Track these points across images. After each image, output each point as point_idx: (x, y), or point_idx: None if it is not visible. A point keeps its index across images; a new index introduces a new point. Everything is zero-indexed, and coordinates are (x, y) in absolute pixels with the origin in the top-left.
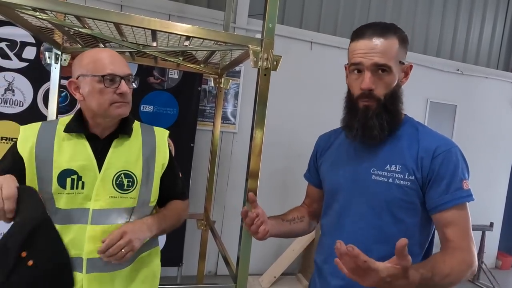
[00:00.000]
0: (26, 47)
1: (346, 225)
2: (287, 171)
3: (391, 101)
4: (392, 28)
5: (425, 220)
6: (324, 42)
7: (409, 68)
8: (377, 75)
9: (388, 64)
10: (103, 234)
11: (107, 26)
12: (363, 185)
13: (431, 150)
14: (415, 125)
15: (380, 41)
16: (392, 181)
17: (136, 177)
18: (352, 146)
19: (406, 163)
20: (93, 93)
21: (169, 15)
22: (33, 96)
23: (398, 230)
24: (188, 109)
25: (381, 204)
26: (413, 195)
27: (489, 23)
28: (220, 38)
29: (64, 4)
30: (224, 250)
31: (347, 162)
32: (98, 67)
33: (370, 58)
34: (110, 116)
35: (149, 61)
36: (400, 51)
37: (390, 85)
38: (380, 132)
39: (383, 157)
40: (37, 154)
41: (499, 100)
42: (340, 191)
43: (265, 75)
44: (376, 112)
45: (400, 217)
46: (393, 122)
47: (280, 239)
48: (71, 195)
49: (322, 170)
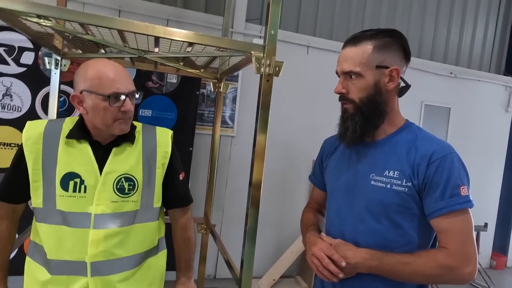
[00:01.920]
0: (24, 52)
1: (346, 228)
2: (284, 174)
3: (368, 105)
4: (370, 34)
5: (424, 225)
6: (321, 46)
7: (394, 71)
8: (349, 80)
9: (355, 70)
10: (106, 238)
11: (109, 32)
12: (363, 189)
13: (427, 156)
14: (415, 131)
15: (350, 50)
16: (390, 187)
17: (137, 180)
18: (354, 151)
19: (403, 169)
20: (97, 110)
21: (167, 20)
22: (31, 101)
23: (397, 234)
24: (186, 113)
25: (379, 209)
26: (410, 201)
27: (481, 27)
28: (223, 45)
29: (69, 11)
30: (227, 253)
31: (348, 166)
32: (103, 85)
33: (340, 66)
34: (113, 132)
35: (148, 66)
36: (376, 56)
37: (362, 89)
38: (353, 134)
39: (382, 162)
40: (43, 153)
41: (491, 103)
42: (341, 194)
43: (268, 81)
44: (351, 114)
45: (398, 222)
46: (367, 126)
47: (278, 242)
48: (73, 198)
49: (327, 172)
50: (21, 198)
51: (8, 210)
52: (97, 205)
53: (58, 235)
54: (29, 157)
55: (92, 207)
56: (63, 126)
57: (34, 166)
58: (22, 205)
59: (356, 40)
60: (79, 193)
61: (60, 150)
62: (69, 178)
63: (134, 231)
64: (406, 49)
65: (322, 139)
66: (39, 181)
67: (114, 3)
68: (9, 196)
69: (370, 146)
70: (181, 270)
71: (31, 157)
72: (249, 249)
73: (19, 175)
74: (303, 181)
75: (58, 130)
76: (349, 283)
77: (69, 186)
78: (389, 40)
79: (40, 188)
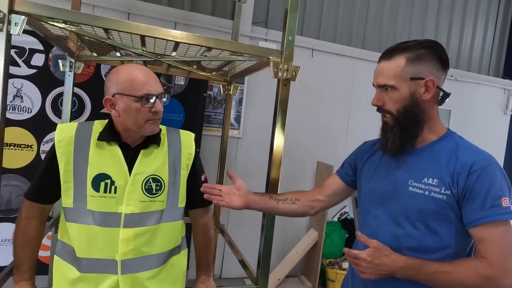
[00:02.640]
0: (35, 54)
1: (383, 231)
2: (289, 175)
3: (405, 116)
4: (403, 48)
5: (462, 232)
6: (325, 49)
7: (430, 82)
8: (385, 93)
9: (389, 83)
10: (135, 236)
11: (129, 36)
12: (401, 195)
13: (467, 166)
14: (456, 140)
15: (385, 64)
16: (428, 194)
17: (163, 181)
18: (393, 157)
19: (443, 177)
20: (129, 111)
21: (175, 23)
22: (42, 103)
23: (433, 240)
24: (194, 115)
25: (416, 214)
26: (448, 208)
27: (480, 31)
28: (242, 50)
29: (96, 18)
30: (240, 254)
31: (387, 172)
32: (135, 87)
33: (375, 80)
34: (144, 133)
35: (160, 69)
36: (410, 69)
37: (398, 101)
38: (392, 146)
39: (421, 170)
40: (75, 155)
41: (491, 106)
42: (379, 198)
43: (285, 85)
44: (391, 126)
45: (435, 228)
46: (405, 136)
47: (283, 241)
48: (104, 198)
49: (362, 174)
50: (51, 198)
51: (39, 210)
52: (127, 205)
53: (89, 234)
54: (61, 159)
55: (122, 207)
56: (93, 129)
57: (66, 168)
58: (50, 205)
59: (390, 54)
60: (109, 193)
61: (91, 152)
62: (100, 179)
63: (161, 230)
64: (443, 59)
65: (327, 140)
66: (70, 182)
67: (123, 5)
68: (40, 197)
69: (409, 153)
70: (202, 269)
71: (63, 158)
72: (266, 248)
73: (51, 176)
74: (308, 182)
75: (88, 132)
76: (381, 283)
77: (100, 187)
78: (424, 52)
79: (71, 189)
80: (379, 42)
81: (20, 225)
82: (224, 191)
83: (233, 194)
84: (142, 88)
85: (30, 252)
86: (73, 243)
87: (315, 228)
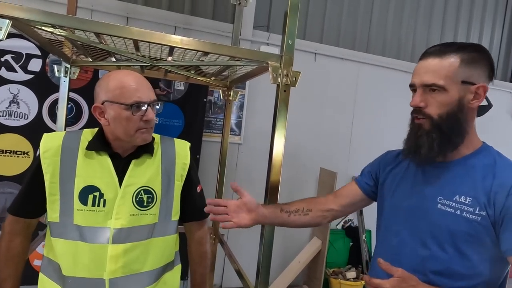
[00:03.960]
0: (32, 59)
1: (406, 251)
2: (291, 181)
3: (448, 122)
4: (456, 47)
5: (496, 259)
6: (328, 53)
7: (481, 89)
8: (429, 94)
9: (438, 83)
10: (125, 253)
11: (123, 40)
12: (427, 212)
13: (507, 185)
14: (494, 156)
15: (435, 61)
16: (460, 213)
17: (155, 193)
18: (420, 170)
19: (477, 196)
20: (119, 120)
21: (175, 27)
22: (38, 109)
23: (462, 265)
24: (194, 120)
25: (445, 235)
26: (482, 231)
27: (487, 34)
28: (240, 55)
29: (85, 21)
30: (238, 264)
31: (413, 185)
32: (125, 94)
33: (419, 78)
34: (135, 143)
35: (158, 74)
36: (463, 71)
37: (444, 105)
38: (428, 152)
39: (453, 186)
40: (61, 166)
41: (498, 110)
42: (402, 214)
43: (285, 91)
44: (427, 130)
45: (466, 252)
46: (446, 145)
47: (285, 250)
48: (92, 212)
49: (384, 186)
50: (37, 212)
51: (23, 225)
52: (116, 219)
53: (75, 251)
54: (46, 170)
55: (111, 221)
56: (82, 138)
57: (51, 179)
58: (36, 220)
59: (441, 52)
60: (98, 207)
61: (79, 163)
62: (88, 191)
63: (153, 245)
64: (492, 66)
65: (329, 147)
66: (56, 194)
67: (122, 10)
68: (25, 211)
69: (439, 167)
70: (196, 285)
71: (49, 170)
72: (266, 258)
73: (36, 189)
74: (311, 189)
75: (76, 142)
76: None
77: (88, 200)
78: (477, 55)
79: (57, 202)
80: (383, 45)
81: (3, 241)
82: (230, 207)
83: (240, 210)
84: (132, 96)
85: (13, 270)
86: (59, 260)
87: (318, 237)
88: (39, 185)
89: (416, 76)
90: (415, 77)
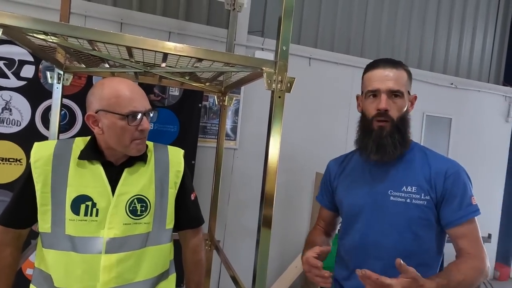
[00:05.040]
0: (25, 65)
1: (369, 243)
2: (287, 187)
3: (402, 124)
4: (401, 63)
5: (438, 234)
6: (323, 58)
7: (414, 99)
8: (391, 99)
9: (401, 90)
10: (118, 262)
11: (116, 47)
12: (383, 205)
13: (442, 171)
14: (423, 150)
15: (393, 71)
16: (410, 201)
17: (149, 201)
18: (367, 169)
19: (420, 184)
20: (114, 129)
21: (169, 33)
22: (31, 116)
23: (418, 245)
24: (189, 126)
25: (402, 223)
26: (429, 213)
27: (479, 38)
28: (234, 61)
29: (77, 28)
30: (234, 272)
31: (364, 184)
32: (120, 104)
33: (385, 84)
34: (130, 153)
35: (152, 80)
36: (408, 83)
37: (402, 108)
38: (393, 150)
39: (399, 179)
40: (53, 176)
41: (491, 113)
42: (361, 211)
43: (280, 97)
44: (390, 131)
45: (419, 234)
46: (403, 143)
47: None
48: (84, 222)
49: (338, 192)
50: (27, 223)
51: (13, 236)
52: (109, 228)
53: (67, 261)
54: (37, 180)
55: (104, 231)
56: (73, 147)
57: (43, 189)
58: (27, 230)
59: (395, 64)
60: (90, 216)
61: (71, 172)
62: (80, 201)
63: (147, 254)
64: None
65: (324, 151)
66: (47, 205)
67: (116, 15)
68: (15, 222)
69: (383, 165)
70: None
71: (40, 179)
72: (262, 264)
73: (26, 199)
74: (306, 194)
75: (68, 150)
76: None
77: (80, 210)
78: (410, 72)
79: (48, 212)
80: (378, 50)
81: None
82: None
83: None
84: (128, 105)
85: (4, 281)
86: (50, 271)
87: None
88: (30, 195)
89: (379, 83)
90: (379, 83)
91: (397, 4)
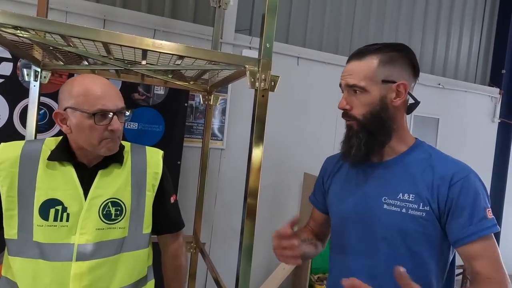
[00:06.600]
0: (2, 62)
1: (358, 258)
2: (275, 187)
3: (372, 122)
4: (375, 48)
5: (442, 251)
6: (311, 57)
7: (401, 86)
8: (354, 95)
9: (359, 84)
10: (90, 270)
11: (93, 43)
12: (375, 215)
13: (447, 177)
14: (427, 150)
15: (355, 64)
16: (406, 212)
17: (124, 205)
18: (361, 171)
19: (419, 192)
20: (82, 128)
21: (154, 30)
22: (9, 115)
23: (414, 263)
24: (174, 125)
25: (395, 236)
26: (428, 226)
27: (466, 39)
28: (216, 58)
29: (48, 22)
30: (217, 274)
31: (356, 189)
32: (89, 101)
33: (344, 80)
34: (99, 153)
35: (135, 78)
36: (382, 70)
37: (367, 105)
38: (357, 152)
39: (395, 184)
40: (20, 178)
41: (478, 113)
42: (349, 221)
43: (263, 96)
44: (356, 131)
45: (416, 250)
46: (372, 144)
47: (270, 257)
48: (53, 228)
49: (329, 194)
50: None
51: None
52: (81, 234)
53: (35, 270)
54: (3, 183)
55: (75, 236)
56: (43, 147)
57: (8, 193)
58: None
59: (361, 54)
60: (60, 221)
61: (39, 174)
62: (49, 205)
63: (122, 260)
64: (414, 64)
65: (313, 151)
66: (14, 209)
67: (99, 12)
68: None
69: (378, 167)
70: None
71: (6, 182)
72: (245, 267)
73: None
74: (294, 194)
75: (37, 151)
76: None
77: (50, 215)
78: (396, 54)
79: (15, 217)
80: None
81: None
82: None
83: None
84: (96, 103)
85: None
86: (17, 279)
87: None
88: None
89: (342, 79)
90: (342, 79)
91: (385, 4)
